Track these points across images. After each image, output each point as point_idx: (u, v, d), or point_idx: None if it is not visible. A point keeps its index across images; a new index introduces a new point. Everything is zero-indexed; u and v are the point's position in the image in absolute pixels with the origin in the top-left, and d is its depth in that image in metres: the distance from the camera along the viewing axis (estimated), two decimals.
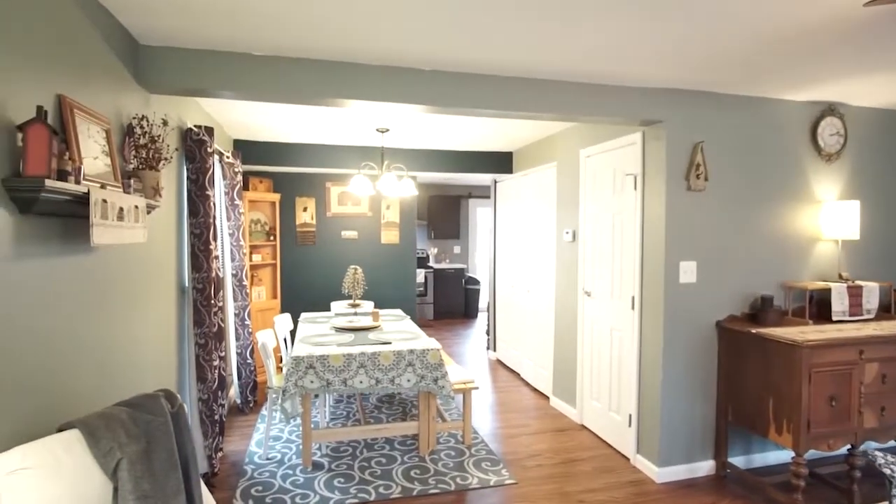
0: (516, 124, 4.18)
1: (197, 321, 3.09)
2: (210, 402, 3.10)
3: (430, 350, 3.30)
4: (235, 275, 4.21)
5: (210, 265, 3.12)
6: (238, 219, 4.19)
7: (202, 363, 3.08)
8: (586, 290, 3.91)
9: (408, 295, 5.89)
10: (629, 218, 3.39)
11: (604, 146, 3.67)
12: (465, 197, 9.32)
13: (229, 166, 4.11)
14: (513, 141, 4.98)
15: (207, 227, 3.12)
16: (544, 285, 4.69)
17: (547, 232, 4.63)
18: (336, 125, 4.22)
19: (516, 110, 2.86)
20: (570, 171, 4.18)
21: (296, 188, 5.51)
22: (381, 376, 3.23)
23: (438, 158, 5.32)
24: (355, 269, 3.98)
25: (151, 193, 2.25)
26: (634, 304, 3.33)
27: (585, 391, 3.96)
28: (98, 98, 1.98)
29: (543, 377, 4.72)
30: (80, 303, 1.80)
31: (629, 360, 3.40)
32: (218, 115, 3.86)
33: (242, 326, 4.27)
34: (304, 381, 3.14)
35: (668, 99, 3.05)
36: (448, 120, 4.01)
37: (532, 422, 4.10)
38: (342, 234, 5.65)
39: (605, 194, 3.67)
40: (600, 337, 3.75)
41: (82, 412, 1.62)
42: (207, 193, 3.12)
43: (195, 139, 3.10)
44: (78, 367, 1.77)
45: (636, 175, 3.30)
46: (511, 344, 5.58)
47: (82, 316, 1.82)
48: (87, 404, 1.78)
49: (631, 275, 3.37)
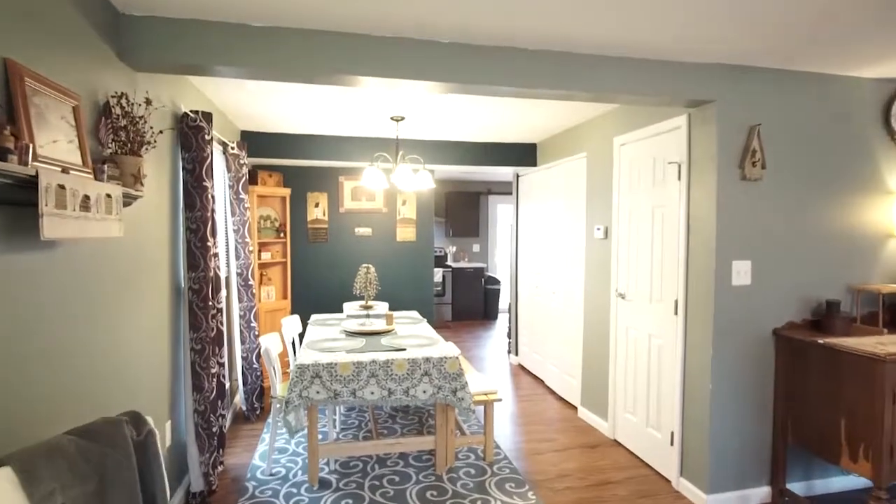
0: (541, 113, 3.84)
1: (193, 325, 2.82)
2: (207, 413, 2.83)
3: (448, 358, 2.99)
4: (241, 274, 3.95)
5: (208, 263, 2.84)
6: (244, 214, 3.93)
7: (198, 371, 2.81)
8: (620, 293, 3.55)
9: (424, 296, 5.59)
10: (672, 211, 3.03)
11: (641, 133, 3.31)
12: (484, 193, 8.98)
13: (234, 158, 3.85)
14: (537, 131, 4.63)
15: (205, 221, 2.85)
16: (572, 286, 4.34)
17: (575, 228, 4.27)
18: (348, 113, 3.92)
19: (546, 88, 2.52)
20: (602, 161, 3.82)
21: (307, 183, 5.24)
22: (394, 387, 2.93)
23: (457, 151, 4.99)
24: (367, 269, 3.69)
25: (131, 181, 1.97)
26: (678, 309, 2.97)
27: (618, 403, 3.61)
28: (65, 71, 1.70)
29: (570, 386, 4.37)
30: (37, 308, 1.53)
31: (671, 371, 3.04)
32: (222, 103, 3.60)
33: (248, 329, 4.01)
34: (309, 391, 2.85)
35: (719, 75, 2.68)
36: (467, 107, 3.69)
37: (559, 436, 3.76)
38: (356, 231, 5.36)
39: (643, 186, 3.31)
40: (636, 344, 3.39)
41: (33, 442, 1.34)
42: (205, 185, 2.85)
43: (191, 125, 2.83)
44: (32, 384, 1.49)
45: (680, 163, 2.94)
46: (534, 348, 5.23)
47: (41, 323, 1.54)
48: (43, 431, 1.50)
49: (673, 276, 3.01)
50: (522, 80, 2.48)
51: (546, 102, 3.56)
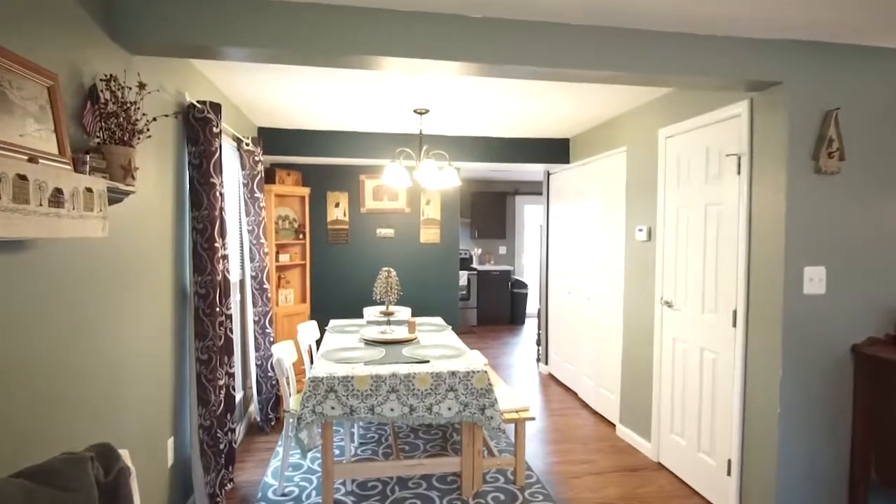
0: (576, 104, 3.52)
1: (199, 333, 2.60)
2: (213, 429, 2.61)
3: (475, 372, 2.70)
4: (255, 277, 3.73)
5: (215, 267, 2.62)
6: (259, 214, 3.72)
7: (204, 383, 2.59)
8: (666, 300, 3.21)
9: (449, 300, 5.31)
10: (729, 210, 2.68)
11: (692, 123, 2.97)
12: (511, 193, 8.67)
13: (249, 154, 3.64)
14: (570, 125, 4.31)
15: (213, 221, 2.63)
16: (609, 292, 4.00)
17: (613, 230, 3.94)
18: (370, 107, 3.68)
19: (588, 68, 2.22)
20: (645, 156, 3.48)
21: (327, 182, 5.02)
22: (416, 403, 2.66)
23: (484, 147, 4.71)
24: (388, 272, 3.43)
25: (120, 175, 1.75)
26: (736, 320, 2.62)
27: (664, 423, 3.26)
28: (38, 46, 1.48)
29: (607, 401, 4.03)
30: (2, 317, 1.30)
31: (727, 391, 2.69)
32: (235, 95, 3.39)
33: (263, 335, 3.79)
34: (323, 406, 2.60)
35: (790, 53, 2.34)
36: (495, 99, 3.40)
37: (596, 456, 3.43)
38: (377, 233, 5.12)
39: (695, 182, 2.97)
40: (685, 358, 3.05)
41: None
42: (213, 181, 2.63)
43: (198, 117, 2.61)
44: None
45: (740, 156, 2.59)
46: (566, 358, 4.90)
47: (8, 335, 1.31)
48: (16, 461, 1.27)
49: (731, 282, 2.66)
50: (562, 59, 2.18)
51: (581, 93, 3.25)
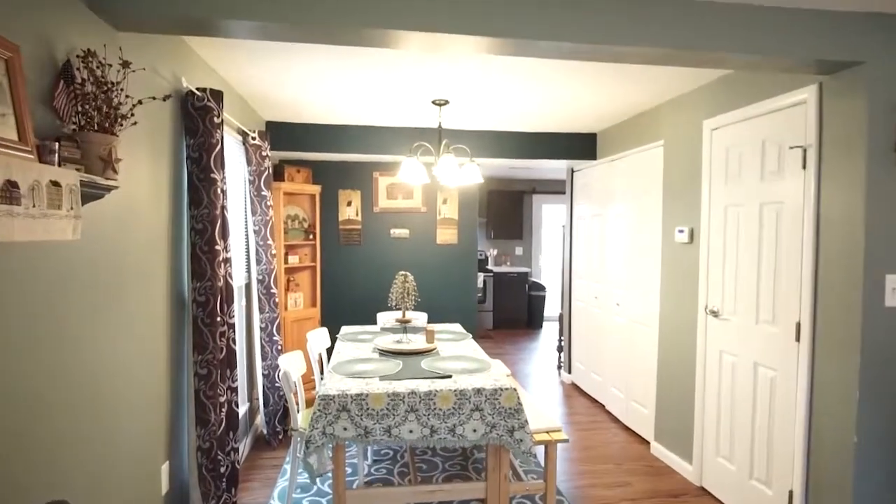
0: (606, 94, 3.22)
1: (198, 345, 2.35)
2: (213, 451, 2.36)
3: (503, 390, 2.42)
4: (262, 281, 3.49)
5: (216, 271, 2.37)
6: (266, 213, 3.47)
7: (203, 401, 2.34)
8: (711, 309, 2.90)
9: (468, 305, 5.03)
10: (792, 209, 2.37)
11: (744, 112, 2.66)
12: (528, 192, 8.36)
13: (255, 149, 3.40)
14: (598, 118, 4.01)
15: (213, 221, 2.38)
16: (642, 298, 3.70)
17: (647, 231, 3.63)
18: (385, 97, 3.41)
19: (632, 44, 1.93)
20: (686, 150, 3.18)
21: (339, 179, 4.77)
22: (437, 424, 2.39)
23: (505, 142, 4.42)
24: (405, 276, 3.17)
25: (99, 167, 1.50)
26: (800, 334, 2.32)
27: (708, 444, 2.96)
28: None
29: (640, 416, 3.73)
30: None
31: (788, 413, 2.39)
32: (240, 84, 3.14)
33: (271, 343, 3.55)
34: (334, 427, 2.34)
35: (872, 28, 2.03)
36: (518, 89, 3.11)
37: (632, 478, 3.13)
38: (392, 233, 4.86)
39: (747, 178, 2.66)
40: (735, 374, 2.74)
41: None
42: (213, 177, 2.38)
43: (198, 106, 2.37)
44: None
45: (806, 148, 2.29)
46: (591, 367, 4.60)
47: None
48: None
49: (793, 291, 2.36)
50: (596, 34, 1.89)
51: (612, 83, 2.96)
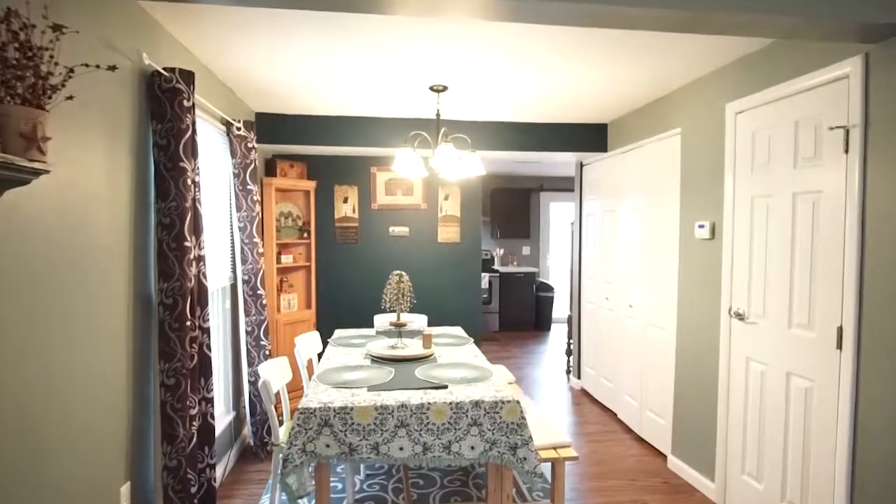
0: (617, 80, 2.95)
1: (164, 352, 2.12)
2: (182, 469, 2.12)
3: (505, 403, 2.17)
4: (248, 281, 3.26)
5: (185, 271, 2.14)
6: (252, 209, 3.24)
7: (170, 414, 2.11)
8: (737, 311, 2.63)
9: (471, 306, 4.78)
10: (832, 199, 2.10)
11: (773, 92, 2.39)
12: (535, 189, 8.09)
13: (241, 140, 3.17)
14: (608, 107, 3.74)
15: (182, 214, 2.15)
16: (658, 299, 3.43)
17: (663, 226, 3.36)
18: (380, 84, 3.17)
19: (647, 5, 1.67)
20: (707, 137, 2.91)
21: (335, 174, 4.54)
22: (430, 441, 2.14)
23: (509, 134, 4.17)
24: (400, 276, 2.92)
25: (20, 146, 1.26)
26: (843, 340, 2.04)
27: (733, 460, 2.68)
28: None
29: (656, 426, 3.45)
30: None
31: (828, 429, 2.11)
32: (222, 69, 2.91)
33: (258, 347, 3.31)
34: (315, 444, 2.09)
35: None
36: (522, 74, 2.85)
37: (647, 497, 2.86)
38: (391, 231, 4.62)
39: (778, 166, 2.39)
40: (764, 383, 2.47)
41: None
42: (182, 166, 2.15)
43: (165, 88, 2.14)
44: None
45: (849, 129, 2.01)
46: (602, 373, 4.33)
47: None
48: None
49: (834, 291, 2.08)
50: None
51: (624, 65, 2.69)
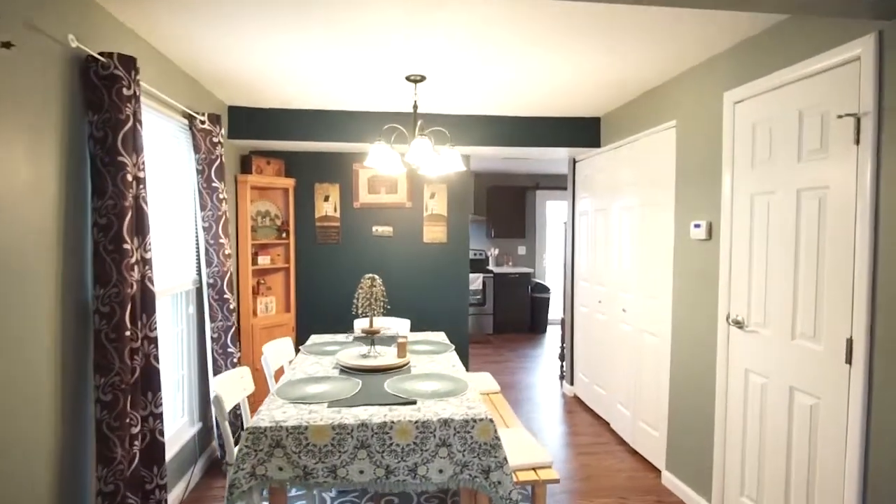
0: (609, 69, 2.74)
1: (100, 365, 1.92)
2: (120, 494, 1.92)
3: (477, 421, 1.96)
4: (213, 285, 3.06)
5: (123, 275, 1.94)
6: (218, 207, 3.04)
7: (106, 433, 1.91)
8: (735, 318, 2.42)
9: (458, 308, 4.57)
10: (840, 196, 1.89)
11: (775, 78, 2.17)
12: (531, 188, 7.88)
13: (205, 135, 2.97)
14: (601, 98, 3.53)
15: (120, 214, 1.95)
16: (652, 304, 3.21)
17: (658, 226, 3.15)
18: (354, 72, 2.97)
19: None
20: (703, 129, 2.70)
21: (315, 171, 4.34)
22: (394, 463, 1.93)
23: (497, 128, 3.96)
24: (373, 280, 2.72)
25: None
26: (852, 353, 1.83)
27: (731, 480, 2.47)
28: None
29: (649, 439, 3.24)
30: None
31: (835, 450, 1.90)
32: (183, 58, 2.71)
33: (225, 355, 3.12)
34: (267, 466, 1.89)
35: None
36: (507, 64, 2.64)
37: None
38: (374, 231, 4.41)
39: (780, 159, 2.18)
40: (766, 398, 2.26)
41: None
42: (121, 161, 1.95)
43: (102, 75, 1.94)
44: None
45: (860, 116, 1.80)
46: (595, 379, 4.12)
47: None
48: None
49: (843, 298, 1.87)
50: None
51: (616, 54, 2.47)
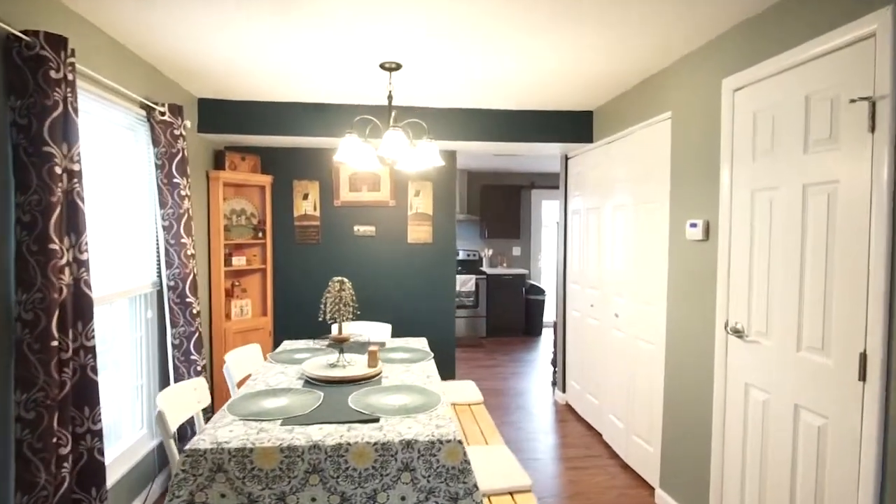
0: (602, 57, 2.53)
1: (22, 380, 1.72)
2: None
3: (444, 443, 1.76)
4: (174, 288, 2.86)
5: (50, 279, 1.74)
6: (179, 205, 2.84)
7: (27, 456, 1.71)
8: (734, 327, 2.21)
9: (443, 310, 4.36)
10: (853, 191, 1.68)
11: (778, 62, 1.97)
12: (526, 187, 7.67)
13: (165, 127, 2.77)
14: (594, 90, 3.32)
15: (47, 211, 1.74)
16: (646, 310, 3.01)
17: (652, 226, 2.94)
18: (325, 59, 2.76)
19: None
20: (700, 120, 2.49)
21: (293, 168, 4.13)
22: (350, 490, 1.73)
23: (483, 122, 3.75)
24: (342, 283, 2.51)
25: None
26: (867, 369, 1.62)
27: (730, 501, 2.26)
28: None
29: (643, 454, 3.03)
30: None
31: (847, 475, 1.69)
32: (140, 42, 2.50)
33: (187, 363, 2.91)
34: (207, 493, 1.69)
35: None
36: (492, 49, 2.44)
37: None
38: (355, 230, 4.21)
39: (784, 151, 1.97)
40: (767, 416, 2.05)
41: None
42: (48, 151, 1.75)
43: (26, 56, 1.73)
44: None
45: (875, 100, 1.59)
46: (587, 387, 3.91)
47: None
48: None
49: (856, 306, 1.66)
50: None
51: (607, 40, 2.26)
